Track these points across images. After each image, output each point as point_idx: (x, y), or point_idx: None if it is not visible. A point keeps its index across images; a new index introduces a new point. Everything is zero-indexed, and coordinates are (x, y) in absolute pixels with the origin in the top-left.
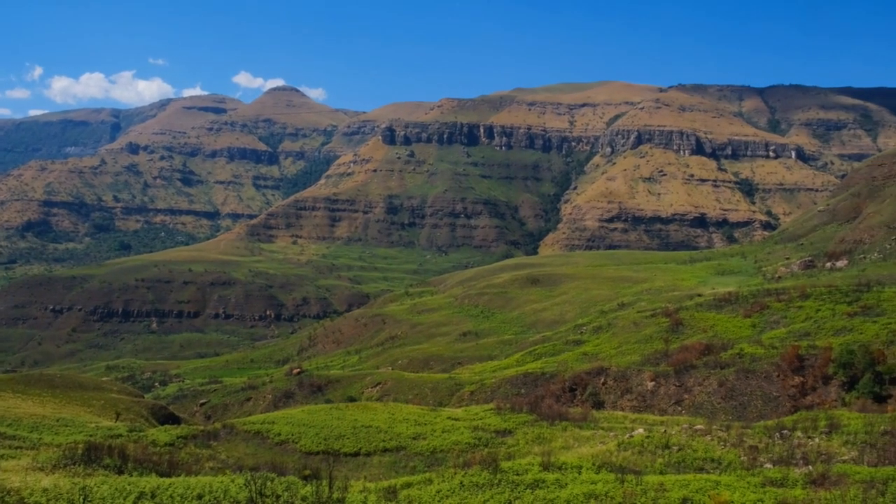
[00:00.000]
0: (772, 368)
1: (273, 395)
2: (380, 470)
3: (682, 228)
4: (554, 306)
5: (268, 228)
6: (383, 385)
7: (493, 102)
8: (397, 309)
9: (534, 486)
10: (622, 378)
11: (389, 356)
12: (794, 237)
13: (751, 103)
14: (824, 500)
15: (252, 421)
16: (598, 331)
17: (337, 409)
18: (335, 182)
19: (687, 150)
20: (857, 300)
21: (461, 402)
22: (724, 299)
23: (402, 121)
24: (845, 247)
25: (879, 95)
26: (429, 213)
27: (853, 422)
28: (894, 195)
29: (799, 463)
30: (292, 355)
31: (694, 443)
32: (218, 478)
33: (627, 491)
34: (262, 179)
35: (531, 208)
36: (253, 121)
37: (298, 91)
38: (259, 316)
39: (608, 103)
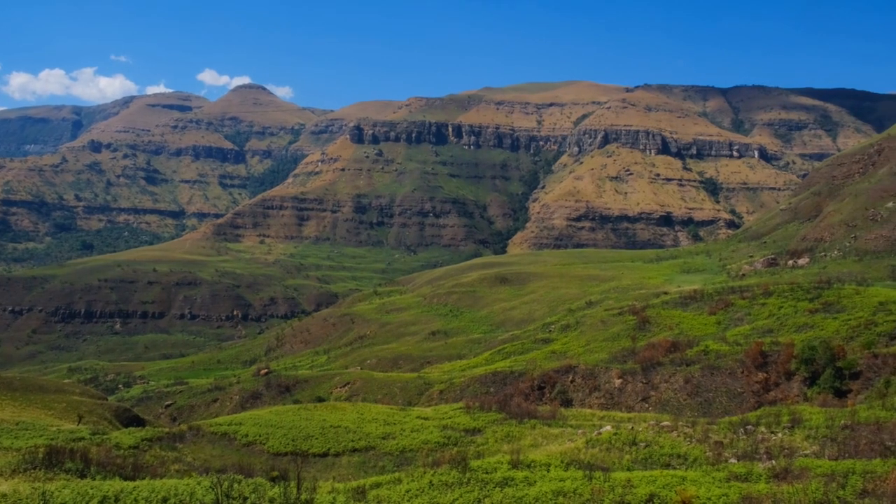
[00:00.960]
0: (736, 365)
1: (240, 395)
2: (349, 470)
3: (648, 227)
4: (522, 305)
5: (234, 228)
6: (352, 385)
7: (461, 101)
8: (366, 308)
9: (503, 485)
10: (590, 376)
11: (358, 356)
12: (758, 235)
13: (715, 103)
14: (787, 494)
15: (219, 422)
16: (566, 329)
17: (305, 409)
18: (303, 181)
19: (653, 149)
20: (818, 297)
21: (430, 402)
22: (690, 297)
23: (370, 119)
24: (807, 245)
25: (838, 96)
26: (397, 213)
27: (815, 416)
28: (853, 194)
29: (763, 458)
30: (260, 356)
31: (661, 439)
32: (184, 480)
33: (595, 488)
34: (228, 178)
35: (499, 207)
36: (219, 119)
37: (265, 89)
38: (226, 316)
39: (575, 103)
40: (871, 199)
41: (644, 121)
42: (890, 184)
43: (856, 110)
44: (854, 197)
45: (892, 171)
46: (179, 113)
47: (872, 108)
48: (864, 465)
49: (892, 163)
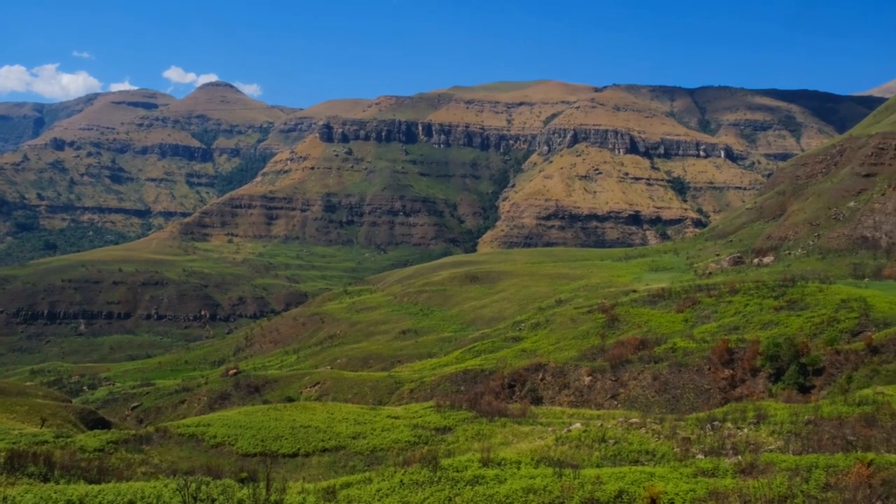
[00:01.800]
0: (703, 362)
1: (208, 396)
2: (319, 470)
3: (617, 226)
4: (493, 303)
5: (202, 227)
6: (322, 384)
7: (431, 100)
8: (336, 307)
9: (473, 483)
10: (560, 374)
11: (328, 355)
12: (724, 234)
13: (682, 103)
14: (753, 488)
15: (186, 424)
16: (536, 327)
17: (275, 409)
18: (272, 180)
19: (621, 149)
20: (782, 295)
21: (401, 401)
22: (658, 295)
23: (339, 118)
24: (772, 243)
25: (802, 97)
26: (367, 211)
27: (779, 412)
28: (816, 193)
29: (729, 453)
30: (228, 356)
31: (629, 436)
32: (150, 483)
33: (565, 485)
34: (195, 177)
35: (470, 206)
36: (186, 117)
37: (233, 87)
38: (193, 316)
39: (545, 102)
40: (834, 199)
41: (613, 120)
42: (851, 184)
43: (819, 111)
44: (817, 196)
45: (853, 171)
46: (145, 111)
47: (835, 110)
48: (827, 459)
49: (854, 163)
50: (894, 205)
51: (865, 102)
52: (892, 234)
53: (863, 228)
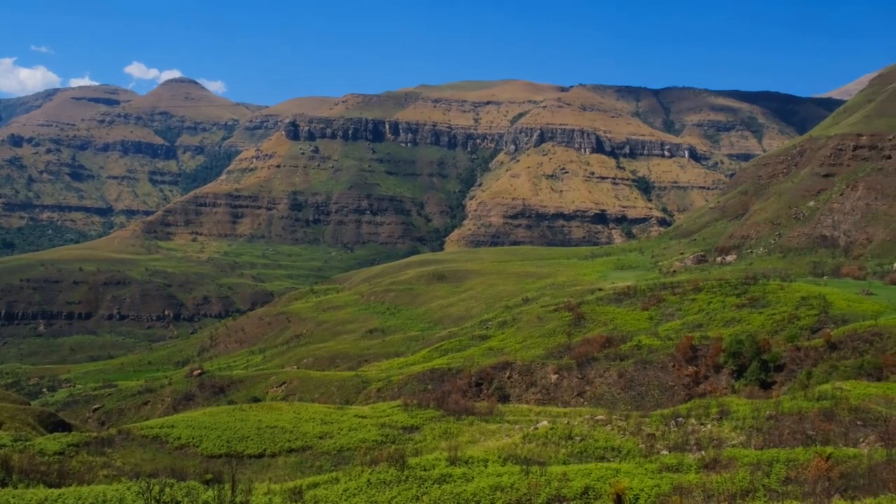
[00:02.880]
0: (667, 359)
1: (172, 397)
2: (285, 471)
3: (583, 225)
4: (460, 302)
5: (165, 225)
6: (288, 384)
7: (398, 98)
8: (302, 307)
9: (441, 481)
10: (527, 372)
11: (295, 355)
12: (688, 233)
13: (647, 104)
14: (716, 483)
15: (150, 425)
16: (503, 326)
17: (240, 410)
18: (237, 177)
19: (588, 148)
20: (744, 293)
21: (368, 400)
22: (624, 293)
23: (305, 116)
24: (734, 242)
25: (764, 99)
26: (334, 210)
27: (741, 408)
28: (778, 193)
29: (693, 449)
30: (193, 356)
31: (595, 433)
32: (113, 486)
33: (532, 482)
34: (158, 174)
35: (437, 205)
36: (148, 113)
37: (197, 83)
38: (157, 316)
39: (512, 101)
40: (794, 199)
41: (579, 120)
42: (811, 184)
43: (780, 113)
44: (778, 196)
45: (813, 171)
46: (106, 107)
47: (795, 111)
48: (788, 453)
49: (814, 164)
50: (852, 204)
51: (825, 104)
52: (850, 233)
53: (822, 227)
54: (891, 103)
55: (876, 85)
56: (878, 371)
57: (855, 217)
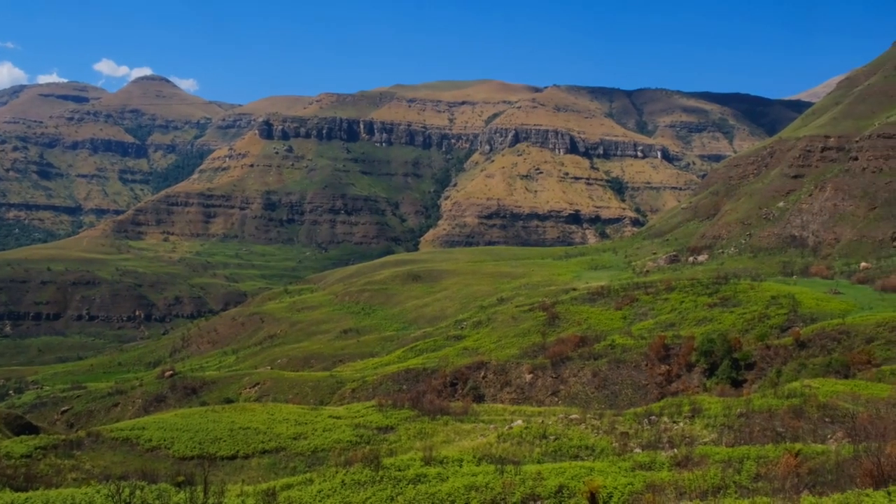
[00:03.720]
0: (641, 358)
1: (143, 399)
2: (259, 472)
3: (557, 225)
4: (435, 302)
5: (136, 225)
6: (262, 385)
7: (373, 98)
8: (276, 307)
9: (416, 482)
10: (502, 371)
11: (268, 355)
12: (661, 233)
13: (620, 105)
14: (688, 480)
15: (120, 427)
16: (478, 325)
17: (213, 411)
18: (209, 177)
19: (562, 148)
20: (716, 292)
21: (343, 400)
22: (597, 293)
23: (279, 115)
24: (706, 242)
25: (735, 100)
26: (308, 210)
27: (713, 406)
28: (748, 194)
29: (665, 446)
30: (164, 357)
31: (569, 432)
32: (81, 489)
33: (507, 481)
34: (129, 173)
35: (412, 205)
36: (119, 111)
37: (168, 81)
38: (127, 317)
39: (487, 102)
40: (764, 199)
41: (553, 120)
42: (781, 184)
43: (750, 115)
44: (749, 197)
45: (782, 172)
46: (75, 104)
47: (765, 113)
48: (758, 450)
49: (783, 165)
50: (820, 205)
51: (794, 106)
52: (819, 233)
53: (791, 228)
54: (857, 106)
55: (843, 87)
56: (845, 369)
57: (823, 217)
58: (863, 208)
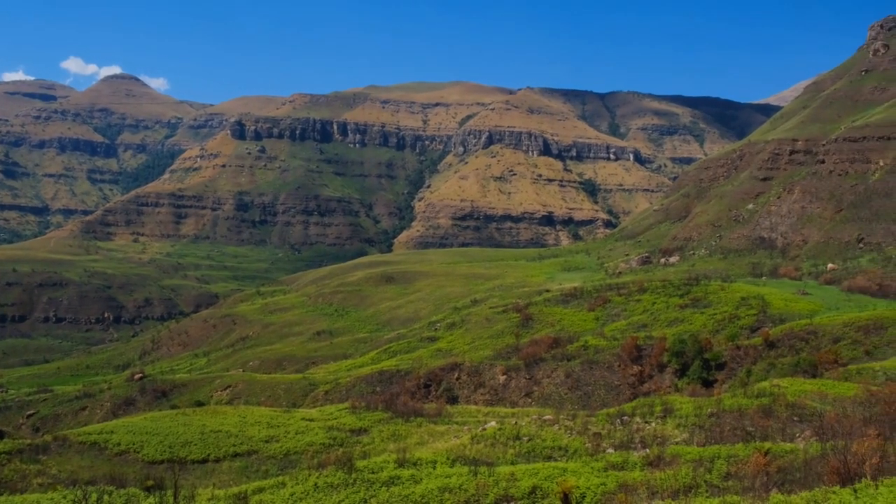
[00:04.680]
0: (613, 359)
1: (112, 402)
2: (230, 476)
3: (531, 227)
4: (408, 304)
5: (105, 225)
6: (234, 388)
7: (346, 99)
8: (248, 309)
9: (389, 484)
10: (475, 373)
11: (240, 357)
12: (633, 235)
13: (593, 107)
14: (660, 480)
15: (88, 431)
16: (451, 327)
17: (183, 414)
18: (180, 177)
19: (535, 150)
20: (687, 293)
21: (316, 403)
22: (571, 294)
23: (252, 115)
24: (677, 243)
25: (705, 104)
26: (281, 211)
27: (684, 406)
28: (718, 196)
29: (637, 447)
30: (134, 360)
31: (543, 433)
32: (47, 494)
33: (480, 483)
34: (98, 173)
35: (385, 206)
36: (87, 110)
37: (138, 80)
38: (96, 319)
39: (460, 103)
40: (734, 201)
41: (527, 122)
42: (750, 187)
43: (720, 118)
44: (719, 199)
45: (752, 175)
46: (43, 102)
47: (735, 116)
48: (729, 449)
49: (752, 168)
50: (789, 207)
51: (763, 110)
52: (787, 234)
53: (761, 229)
54: (824, 110)
55: (810, 92)
56: (813, 368)
57: (791, 219)
58: (829, 210)
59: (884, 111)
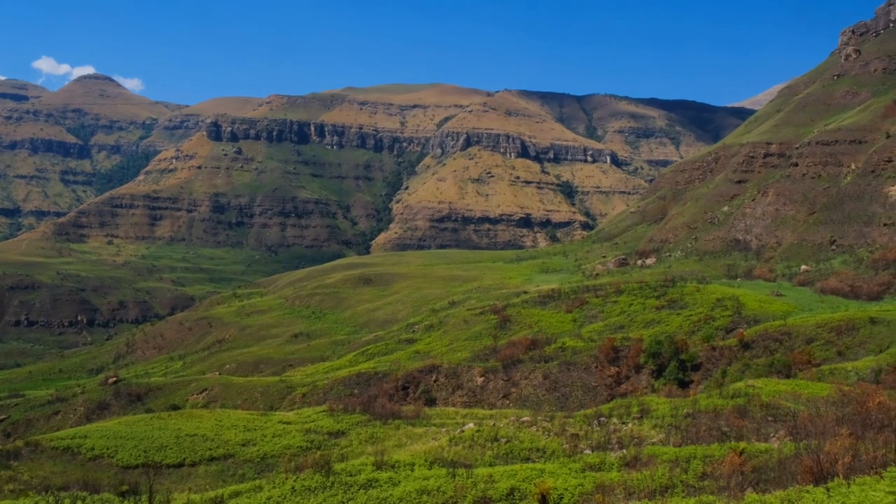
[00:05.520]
0: (591, 360)
1: (85, 407)
2: (206, 480)
3: (509, 228)
4: (386, 306)
5: (79, 227)
6: (210, 391)
7: (324, 101)
8: (225, 311)
9: (367, 486)
10: (453, 375)
11: (217, 360)
12: (610, 237)
13: (570, 110)
14: (636, 480)
15: (60, 436)
16: (429, 329)
17: (158, 418)
18: (156, 178)
19: (513, 152)
20: (663, 295)
21: (293, 405)
22: (548, 296)
23: (228, 116)
24: (654, 245)
25: (681, 107)
26: (258, 213)
27: (661, 407)
28: (694, 199)
29: (615, 447)
30: (108, 363)
31: (521, 434)
32: (19, 501)
33: (458, 484)
34: (71, 174)
35: (363, 208)
36: (60, 110)
37: (113, 80)
38: (69, 322)
39: (438, 105)
40: (710, 204)
41: (504, 125)
42: (726, 189)
43: (696, 121)
44: (695, 201)
45: (727, 178)
46: (14, 102)
47: (710, 120)
48: (704, 450)
49: (728, 170)
50: (763, 210)
51: (738, 113)
52: (762, 236)
53: (735, 231)
54: (797, 113)
55: (784, 95)
56: (787, 368)
57: (766, 221)
58: (803, 213)
59: (855, 115)
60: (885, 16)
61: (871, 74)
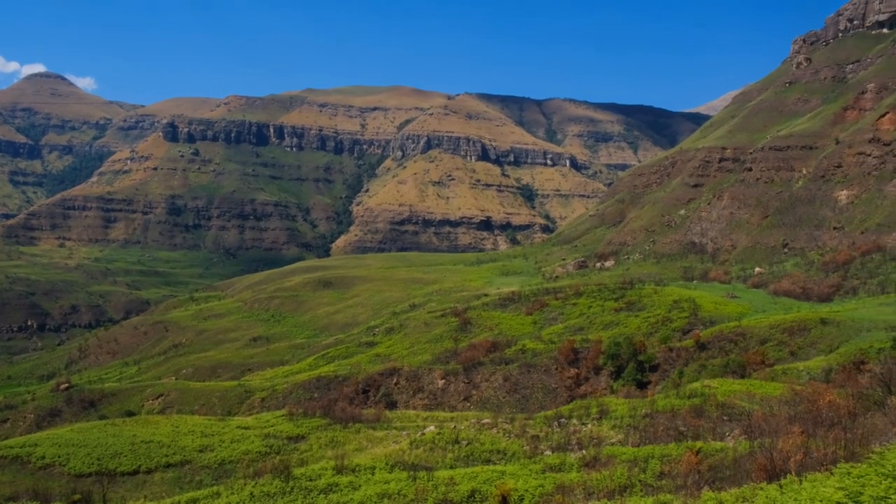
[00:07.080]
0: (551, 362)
1: (36, 414)
2: (162, 487)
3: (469, 231)
4: (347, 309)
5: (28, 229)
6: (166, 396)
7: (283, 102)
8: (181, 315)
9: (327, 491)
10: (414, 377)
11: (173, 365)
12: (569, 239)
13: (530, 114)
14: (596, 480)
15: (9, 445)
16: (390, 332)
17: (112, 425)
18: (110, 180)
19: (473, 155)
20: (622, 297)
21: (252, 410)
22: (509, 298)
23: (185, 117)
24: (612, 248)
25: (639, 112)
26: (215, 215)
27: (619, 407)
28: (651, 202)
29: (574, 448)
30: (59, 369)
31: (482, 436)
32: None
33: (419, 487)
34: (20, 175)
35: (323, 210)
36: (9, 109)
37: (64, 79)
38: (18, 327)
39: (399, 108)
40: (667, 207)
41: (465, 128)
42: (682, 193)
43: (654, 126)
44: (652, 205)
45: (683, 182)
46: None
47: (667, 125)
48: (662, 449)
49: (684, 175)
50: (718, 213)
51: (694, 119)
52: (717, 239)
53: (692, 234)
54: (751, 119)
55: (738, 102)
56: (741, 369)
57: (721, 225)
58: (756, 216)
59: (806, 122)
60: (835, 26)
61: (822, 82)
